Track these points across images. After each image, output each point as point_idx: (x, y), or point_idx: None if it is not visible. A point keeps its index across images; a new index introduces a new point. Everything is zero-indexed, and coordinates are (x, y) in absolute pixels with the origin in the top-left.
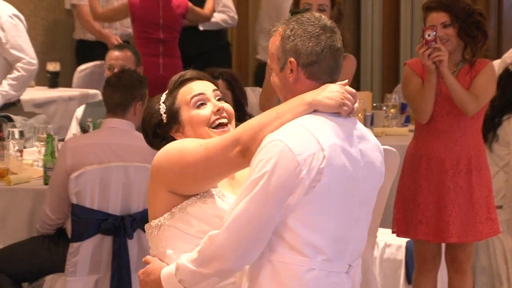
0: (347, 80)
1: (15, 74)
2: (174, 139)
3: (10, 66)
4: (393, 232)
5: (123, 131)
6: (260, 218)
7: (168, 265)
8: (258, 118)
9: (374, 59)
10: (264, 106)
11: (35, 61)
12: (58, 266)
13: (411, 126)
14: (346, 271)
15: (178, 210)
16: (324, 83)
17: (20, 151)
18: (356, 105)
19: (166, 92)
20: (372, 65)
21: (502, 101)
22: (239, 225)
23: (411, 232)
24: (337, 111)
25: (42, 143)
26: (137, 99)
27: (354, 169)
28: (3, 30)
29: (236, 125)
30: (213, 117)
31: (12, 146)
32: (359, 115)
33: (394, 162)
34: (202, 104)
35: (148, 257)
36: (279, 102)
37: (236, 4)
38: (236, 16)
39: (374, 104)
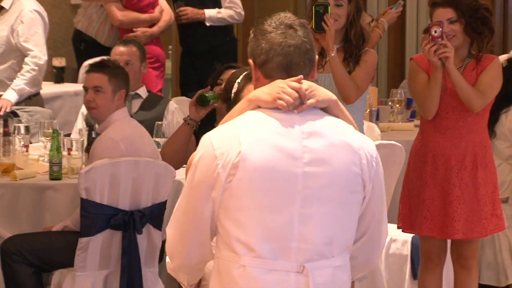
0: (301, 76)
1: (24, 68)
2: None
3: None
4: (398, 228)
5: None
6: (191, 212)
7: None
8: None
9: (379, 54)
10: None
11: (44, 57)
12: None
13: (417, 121)
14: (296, 270)
15: None
16: None
17: (26, 146)
18: (311, 101)
19: (245, 74)
20: (378, 60)
21: (498, 96)
22: (177, 219)
23: (417, 228)
24: (273, 106)
25: (47, 138)
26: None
27: (290, 165)
28: (22, 22)
29: None
30: None
31: (18, 141)
32: (365, 110)
33: (399, 157)
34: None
35: None
36: None
37: (242, 0)
38: (242, 12)
39: (380, 99)
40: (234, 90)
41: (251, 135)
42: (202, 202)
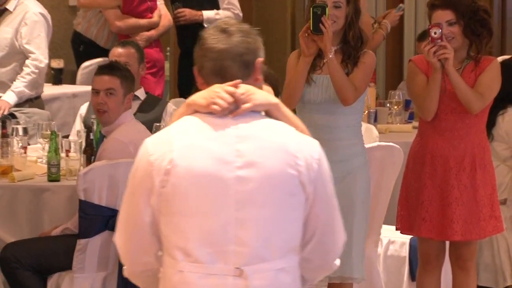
0: (239, 80)
1: (24, 71)
2: None
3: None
4: (397, 229)
5: None
6: (132, 218)
7: None
8: None
9: (377, 55)
10: (286, 104)
11: (45, 60)
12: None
13: (415, 123)
14: (233, 274)
15: None
16: None
17: (24, 148)
18: (247, 105)
19: None
20: (376, 62)
21: (495, 98)
22: (120, 226)
23: (415, 230)
24: (208, 110)
25: (46, 140)
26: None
27: (222, 170)
28: (26, 24)
29: None
30: None
31: (16, 143)
32: (365, 112)
33: (398, 159)
34: None
35: None
36: (304, 99)
37: (240, 1)
38: (240, 14)
39: (378, 101)
40: None
41: (183, 140)
42: (141, 209)
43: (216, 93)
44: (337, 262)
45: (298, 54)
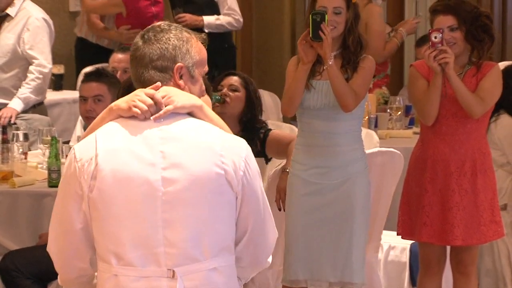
0: (158, 84)
1: (29, 77)
2: None
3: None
4: (398, 234)
5: None
6: (63, 225)
7: None
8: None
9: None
10: (286, 110)
11: (49, 65)
12: None
13: (416, 129)
14: (166, 275)
15: None
16: None
17: (25, 153)
18: (169, 107)
19: None
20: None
21: None
22: (52, 231)
23: (416, 234)
24: (130, 114)
25: (46, 145)
26: None
27: (147, 172)
28: (28, 30)
29: (245, 129)
30: None
31: (17, 149)
32: (364, 117)
33: (398, 164)
34: None
35: None
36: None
37: (241, 7)
38: (241, 19)
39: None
40: None
41: (107, 144)
42: (72, 215)
43: (137, 96)
44: (269, 259)
45: (297, 60)
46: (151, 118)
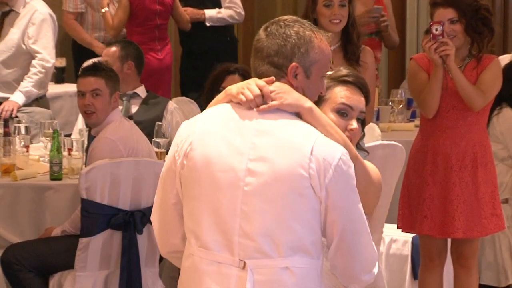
0: (272, 77)
1: (31, 71)
2: None
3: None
4: (398, 227)
5: None
6: (161, 200)
7: None
8: None
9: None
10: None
11: (52, 60)
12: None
13: (417, 122)
14: (237, 265)
15: None
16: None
17: (26, 146)
18: (274, 102)
19: (332, 73)
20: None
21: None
22: (155, 203)
23: (417, 227)
24: (236, 100)
25: (48, 138)
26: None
27: (235, 160)
28: (33, 24)
29: None
30: (345, 133)
31: (18, 142)
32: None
33: (400, 157)
34: (344, 115)
35: None
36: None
37: (242, 0)
38: (242, 12)
39: (380, 100)
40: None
41: (204, 125)
42: (168, 189)
43: (248, 84)
44: (367, 277)
45: None
46: (255, 109)
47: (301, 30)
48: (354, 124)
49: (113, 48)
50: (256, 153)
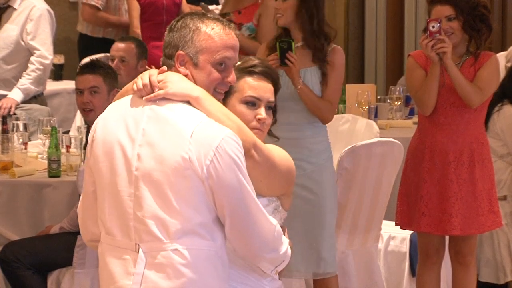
0: (164, 67)
1: (29, 68)
2: None
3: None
4: (396, 224)
5: None
6: (84, 188)
7: None
8: None
9: (378, 52)
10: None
11: (50, 56)
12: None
13: (416, 119)
14: (134, 249)
15: None
16: None
17: (25, 143)
18: (160, 92)
19: (240, 63)
20: (376, 58)
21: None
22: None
23: (414, 224)
24: (132, 93)
25: (46, 135)
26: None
27: (127, 146)
28: (31, 20)
29: None
30: (253, 123)
31: (17, 139)
32: (364, 107)
33: (398, 154)
34: (252, 105)
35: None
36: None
37: None
38: None
39: (378, 97)
40: None
41: (105, 116)
42: (87, 178)
43: (142, 75)
44: (271, 255)
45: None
46: (143, 98)
47: (189, 21)
48: (262, 114)
49: (131, 45)
50: (144, 139)
